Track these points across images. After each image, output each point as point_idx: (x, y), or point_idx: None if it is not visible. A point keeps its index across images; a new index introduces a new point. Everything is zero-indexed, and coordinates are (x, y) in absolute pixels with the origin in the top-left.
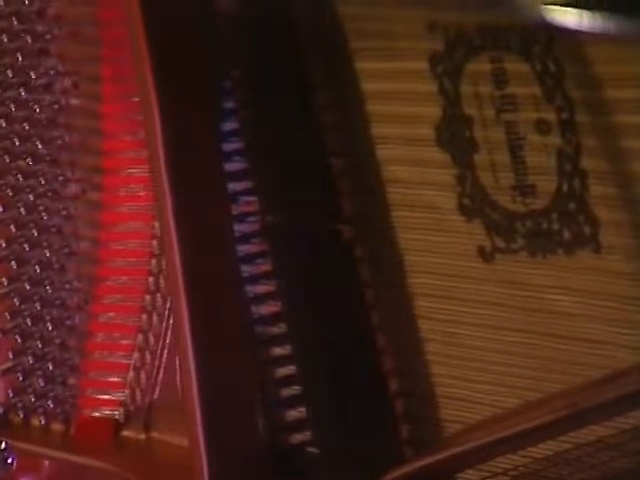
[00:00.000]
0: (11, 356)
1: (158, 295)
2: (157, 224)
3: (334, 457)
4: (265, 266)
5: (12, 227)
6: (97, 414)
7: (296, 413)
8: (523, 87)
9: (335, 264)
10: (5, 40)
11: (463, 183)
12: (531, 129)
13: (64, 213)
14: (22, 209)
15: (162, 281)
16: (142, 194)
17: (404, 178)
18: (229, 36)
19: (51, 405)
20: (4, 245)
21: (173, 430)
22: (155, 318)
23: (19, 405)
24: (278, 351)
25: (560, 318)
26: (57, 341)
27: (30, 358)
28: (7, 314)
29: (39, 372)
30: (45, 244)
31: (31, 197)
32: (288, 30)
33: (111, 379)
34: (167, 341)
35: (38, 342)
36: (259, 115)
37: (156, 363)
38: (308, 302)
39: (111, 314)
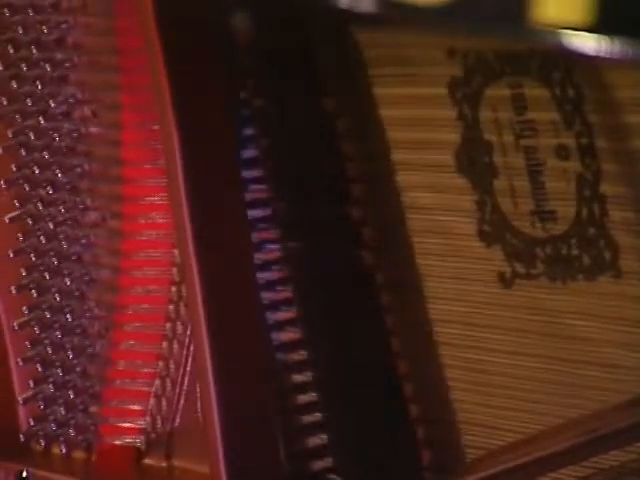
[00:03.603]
0: (32, 384)
1: (178, 322)
2: (177, 251)
3: None
4: (285, 293)
5: (32, 255)
6: (118, 442)
7: (317, 440)
8: (542, 113)
9: (356, 290)
10: (25, 68)
11: (483, 209)
12: (550, 154)
13: (84, 241)
14: (42, 237)
15: (182, 308)
16: (162, 222)
17: (424, 204)
18: (248, 65)
19: (72, 433)
20: (24, 273)
21: (194, 457)
22: (176, 345)
23: (40, 433)
24: (299, 378)
25: (580, 343)
26: (78, 369)
27: (51, 386)
28: (28, 342)
29: (60, 400)
30: (65, 272)
31: (51, 225)
32: (307, 58)
33: (132, 407)
34: (188, 368)
35: (59, 370)
36: (279, 144)
37: (177, 391)
38: (329, 329)
39: (132, 342)
